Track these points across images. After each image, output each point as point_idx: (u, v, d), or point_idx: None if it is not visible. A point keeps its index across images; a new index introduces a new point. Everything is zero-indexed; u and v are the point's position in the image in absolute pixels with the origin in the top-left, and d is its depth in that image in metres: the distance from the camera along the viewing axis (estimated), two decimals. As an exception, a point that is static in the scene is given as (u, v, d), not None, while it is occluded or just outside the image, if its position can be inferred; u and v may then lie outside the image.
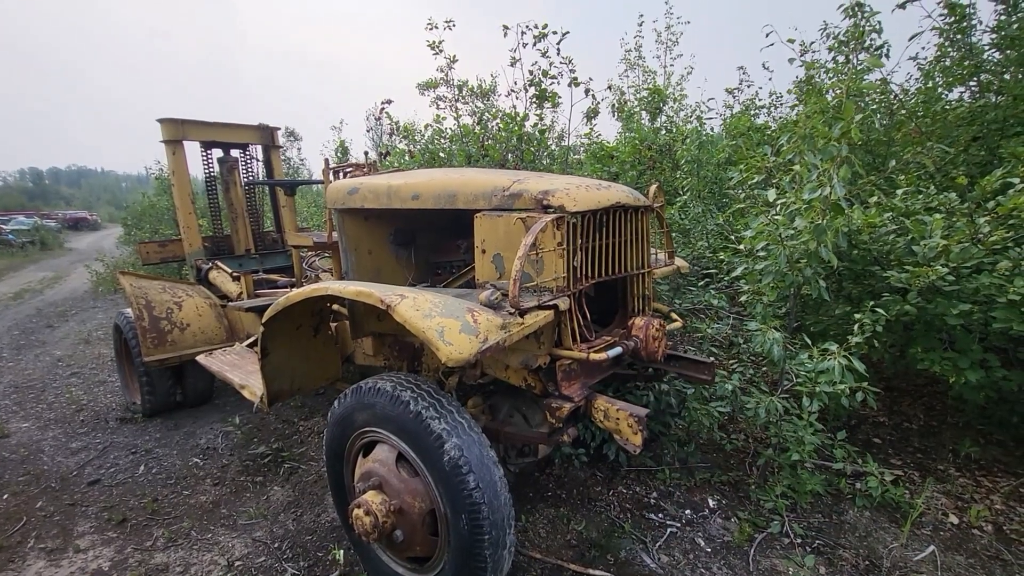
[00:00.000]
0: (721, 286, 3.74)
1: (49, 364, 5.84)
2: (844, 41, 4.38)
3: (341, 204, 2.66)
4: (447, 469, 1.74)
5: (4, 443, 3.88)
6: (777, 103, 5.77)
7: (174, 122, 4.32)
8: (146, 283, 3.88)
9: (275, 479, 3.18)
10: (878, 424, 3.45)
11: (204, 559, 2.50)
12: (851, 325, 2.47)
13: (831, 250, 2.39)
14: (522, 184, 2.10)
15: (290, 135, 14.95)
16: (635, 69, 8.25)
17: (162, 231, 10.58)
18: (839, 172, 2.34)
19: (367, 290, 1.83)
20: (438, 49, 5.17)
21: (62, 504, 3.04)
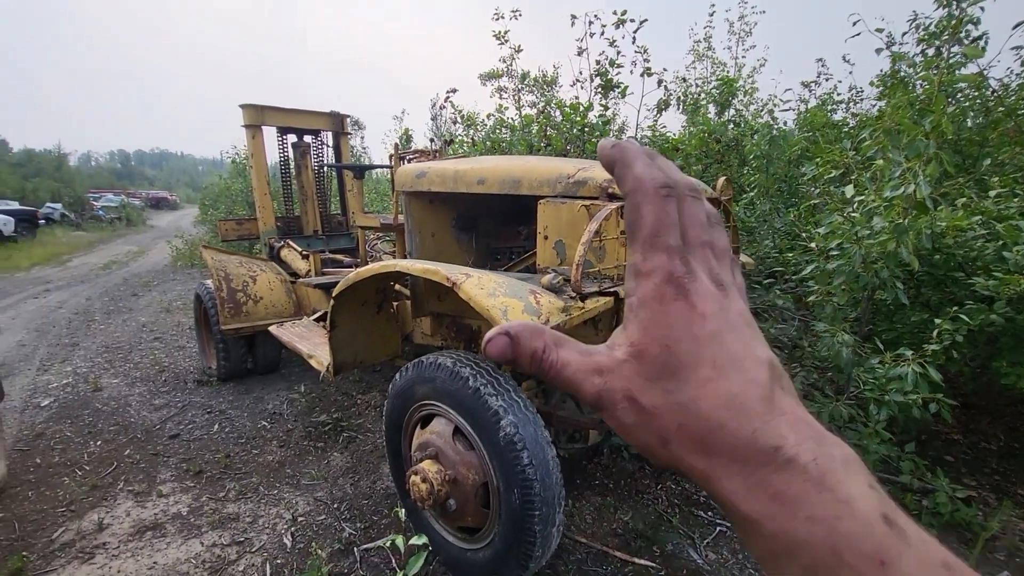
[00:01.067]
0: (787, 287, 3.61)
1: (135, 329, 6.39)
2: (936, 32, 4.08)
3: (409, 187, 2.76)
4: (502, 444, 1.80)
5: (98, 395, 4.30)
6: (857, 97, 5.45)
7: (254, 108, 4.60)
8: (225, 257, 4.17)
9: (335, 446, 3.36)
10: (952, 441, 3.23)
11: (271, 512, 2.70)
12: (928, 333, 2.34)
13: (912, 252, 2.26)
14: (587, 172, 2.11)
15: (354, 124, 15.50)
16: (704, 60, 7.99)
17: (235, 211, 11.27)
18: (926, 169, 2.21)
19: (433, 268, 1.91)
20: (503, 39, 5.21)
21: (147, 453, 3.35)
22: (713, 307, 0.31)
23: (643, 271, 0.31)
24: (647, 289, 0.31)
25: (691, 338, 0.30)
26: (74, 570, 2.33)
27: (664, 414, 0.30)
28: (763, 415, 0.28)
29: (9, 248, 13.64)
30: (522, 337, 0.32)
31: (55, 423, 3.79)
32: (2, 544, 2.50)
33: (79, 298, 8.23)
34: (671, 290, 0.30)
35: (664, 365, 0.30)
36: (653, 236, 0.31)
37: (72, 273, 10.82)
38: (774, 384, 0.30)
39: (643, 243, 0.31)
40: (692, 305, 0.30)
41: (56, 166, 34.61)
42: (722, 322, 0.30)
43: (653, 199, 0.31)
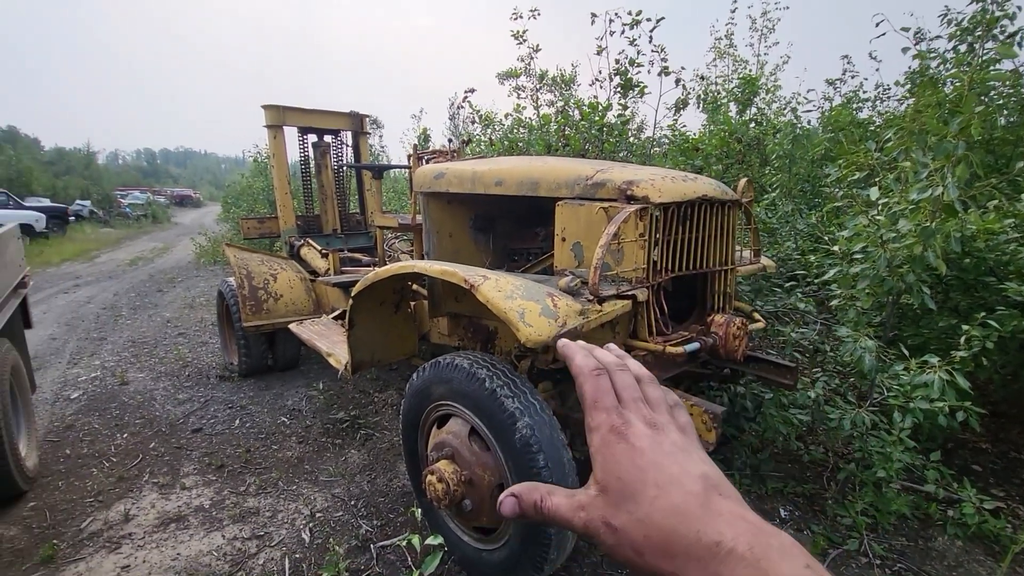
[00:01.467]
0: (809, 290, 3.54)
1: (160, 324, 6.55)
2: (968, 28, 3.96)
3: (427, 188, 2.78)
4: (518, 446, 1.80)
5: (124, 389, 4.42)
6: (884, 96, 5.32)
7: (276, 108, 4.67)
8: (247, 255, 4.25)
9: (352, 443, 3.41)
10: (979, 450, 3.15)
11: (290, 507, 2.75)
12: (956, 339, 2.28)
13: (939, 256, 2.20)
14: (606, 174, 2.10)
15: (373, 123, 15.64)
16: (725, 58, 7.87)
17: (257, 209, 11.46)
18: (955, 171, 2.15)
19: (451, 269, 1.92)
20: (522, 38, 5.20)
21: (171, 446, 3.43)
22: (647, 443, 0.41)
23: (591, 427, 0.43)
24: (597, 440, 0.42)
25: (635, 468, 0.39)
26: (102, 559, 2.40)
27: (632, 531, 0.38)
28: (702, 518, 0.36)
29: (41, 244, 14.07)
30: (523, 494, 0.44)
31: (84, 415, 3.90)
32: (34, 532, 2.59)
33: (107, 293, 8.46)
34: (613, 438, 0.41)
35: (621, 492, 0.39)
36: (593, 402, 0.43)
37: (100, 269, 11.13)
38: (709, 492, 0.38)
39: (588, 408, 0.44)
40: (631, 445, 0.40)
41: (85, 164, 35.61)
42: (657, 452, 0.40)
43: (588, 377, 0.45)
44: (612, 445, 0.41)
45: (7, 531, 2.58)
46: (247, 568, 2.33)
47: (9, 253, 3.18)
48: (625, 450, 0.40)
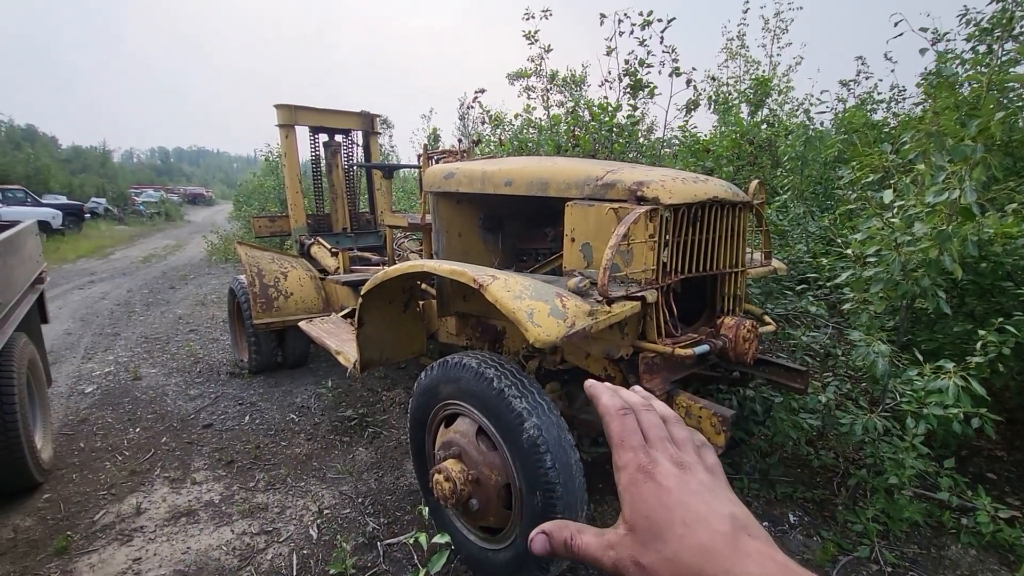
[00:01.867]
0: (820, 293, 3.50)
1: (172, 320, 6.63)
2: (988, 28, 3.90)
3: (437, 187, 2.79)
4: (525, 447, 1.80)
5: (137, 384, 4.48)
6: (899, 97, 5.25)
7: (288, 108, 4.71)
8: (258, 253, 4.29)
9: (360, 441, 3.43)
10: (994, 458, 3.09)
11: (298, 504, 2.77)
12: (971, 345, 2.24)
13: (956, 260, 2.17)
14: (616, 174, 2.09)
15: (383, 123, 15.71)
16: (737, 59, 7.81)
17: (268, 208, 11.56)
18: (972, 174, 2.11)
19: (460, 269, 1.92)
20: (533, 39, 5.20)
21: (182, 442, 3.47)
22: (675, 482, 0.41)
23: (619, 466, 0.43)
24: (624, 479, 0.42)
25: (662, 507, 0.40)
26: (114, 551, 2.43)
27: (660, 569, 0.38)
28: (730, 557, 0.36)
29: (57, 241, 14.30)
30: (554, 532, 0.45)
31: (98, 409, 3.96)
32: (49, 523, 2.63)
33: (121, 290, 8.58)
34: (641, 476, 0.41)
35: (648, 531, 0.39)
36: (620, 441, 0.44)
37: (114, 266, 11.29)
38: (738, 532, 0.38)
39: (615, 447, 0.44)
40: (659, 484, 0.41)
41: (101, 162, 36.15)
42: (684, 491, 0.40)
43: (615, 417, 0.46)
44: (640, 484, 0.41)
45: (23, 522, 2.63)
46: (255, 563, 2.35)
47: (27, 249, 3.23)
48: (652, 489, 0.40)
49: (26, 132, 37.30)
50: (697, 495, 0.40)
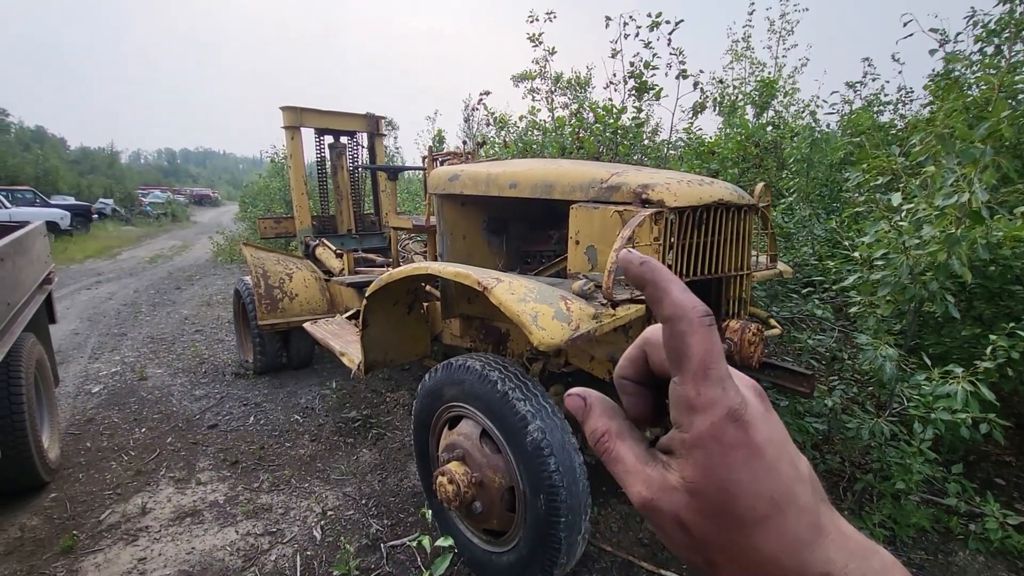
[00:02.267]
0: (826, 296, 3.48)
1: (178, 321, 6.66)
2: (996, 30, 3.87)
3: (441, 189, 2.79)
4: (529, 450, 1.80)
5: (143, 384, 4.50)
6: (906, 99, 5.22)
7: (294, 110, 4.73)
8: (264, 254, 4.31)
9: (364, 442, 3.43)
10: (1003, 463, 3.06)
11: (302, 505, 2.77)
12: (980, 349, 2.22)
13: (965, 263, 2.15)
14: (621, 177, 2.09)
15: (388, 125, 15.75)
16: (742, 61, 7.79)
17: (274, 209, 11.62)
18: (982, 176, 2.10)
19: (465, 271, 1.92)
20: (537, 41, 5.20)
21: (187, 442, 3.49)
22: (766, 432, 0.31)
23: (698, 405, 0.31)
24: (704, 426, 0.31)
25: (752, 477, 0.30)
26: (119, 551, 2.44)
27: (716, 547, 0.31)
28: (812, 543, 0.30)
29: (65, 241, 14.41)
30: (594, 410, 0.36)
31: (104, 409, 3.98)
32: (55, 522, 2.64)
33: (127, 290, 8.63)
34: (731, 428, 0.30)
35: (722, 506, 0.30)
36: (705, 368, 0.31)
37: (121, 266, 11.36)
38: (818, 502, 0.31)
39: (695, 375, 0.31)
40: (751, 440, 0.30)
41: (109, 163, 36.46)
42: (775, 448, 0.31)
43: (699, 328, 0.31)
44: (727, 440, 0.30)
45: (29, 521, 2.64)
46: (259, 564, 2.36)
47: (36, 250, 3.26)
48: (744, 451, 0.30)
49: (35, 134, 37.69)
50: (784, 452, 0.31)
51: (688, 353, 0.31)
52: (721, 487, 0.30)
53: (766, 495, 0.30)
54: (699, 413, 0.31)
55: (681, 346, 0.31)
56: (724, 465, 0.30)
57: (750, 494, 0.30)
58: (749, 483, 0.30)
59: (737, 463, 0.30)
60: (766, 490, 0.30)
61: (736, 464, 0.30)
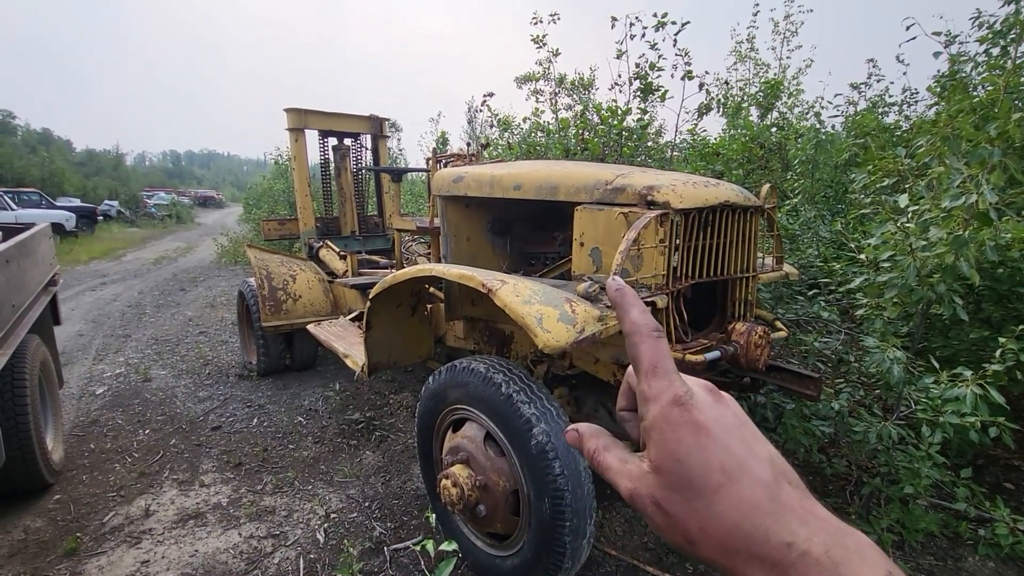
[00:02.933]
0: (832, 298, 3.46)
1: (182, 322, 6.68)
2: (1001, 31, 3.85)
3: (445, 191, 2.79)
4: (534, 453, 1.79)
5: (147, 386, 4.51)
6: (911, 100, 5.19)
7: (298, 112, 4.74)
8: (267, 256, 4.31)
9: (367, 444, 3.42)
10: (1012, 467, 3.03)
11: (305, 507, 2.77)
12: (988, 352, 2.19)
13: (973, 265, 2.13)
14: (626, 178, 2.08)
15: (392, 126, 15.78)
16: (746, 62, 7.77)
17: (277, 211, 11.64)
18: (990, 178, 2.08)
19: (469, 273, 1.91)
20: (542, 43, 5.20)
21: (191, 444, 3.49)
22: (712, 414, 0.36)
23: (648, 396, 0.37)
24: (655, 412, 0.37)
25: (699, 448, 0.35)
26: (122, 553, 2.44)
27: (686, 519, 0.35)
28: (773, 513, 0.33)
29: (70, 243, 14.48)
30: (585, 436, 0.42)
31: (108, 411, 3.99)
32: (59, 524, 2.64)
33: (132, 291, 8.66)
34: (675, 410, 0.36)
35: (679, 477, 0.35)
36: (653, 366, 0.38)
37: (126, 267, 11.41)
38: (779, 481, 0.34)
39: (645, 372, 0.38)
40: (694, 420, 0.36)
41: (114, 165, 36.66)
42: (722, 428, 0.36)
43: (646, 338, 0.39)
44: (674, 420, 0.36)
45: (33, 523, 2.65)
46: (263, 567, 2.35)
47: (40, 252, 3.27)
48: (688, 426, 0.35)
49: (42, 136, 37.92)
50: (734, 433, 0.36)
51: (640, 358, 0.38)
52: (675, 459, 0.35)
53: (717, 465, 0.34)
54: (651, 402, 0.37)
55: (636, 353, 0.39)
56: (674, 439, 0.35)
57: (700, 463, 0.34)
58: (698, 454, 0.34)
59: (685, 438, 0.35)
60: (716, 461, 0.34)
61: (684, 439, 0.35)
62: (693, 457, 0.35)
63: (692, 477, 0.34)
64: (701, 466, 0.34)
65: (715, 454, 0.34)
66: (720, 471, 0.34)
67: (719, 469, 0.34)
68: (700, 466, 0.34)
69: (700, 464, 0.34)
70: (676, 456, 0.35)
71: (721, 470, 0.34)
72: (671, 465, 0.35)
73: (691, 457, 0.35)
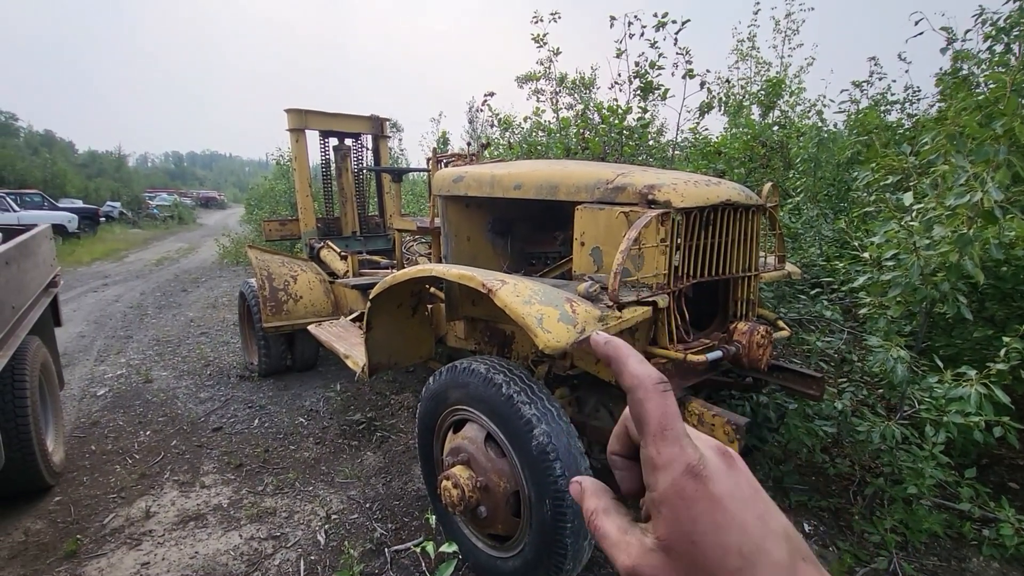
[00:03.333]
0: (835, 297, 3.44)
1: (183, 323, 6.68)
2: (1005, 28, 3.82)
3: (446, 191, 2.78)
4: (535, 454, 1.77)
5: (148, 387, 4.51)
6: (913, 98, 5.16)
7: (298, 112, 4.73)
8: (268, 257, 4.31)
9: (368, 445, 3.42)
10: (1016, 467, 3.01)
11: (306, 509, 2.76)
12: (992, 351, 2.18)
13: (978, 264, 2.11)
14: (627, 177, 2.07)
15: (392, 127, 15.76)
16: (747, 60, 7.74)
17: (279, 211, 11.64)
18: (995, 175, 2.06)
19: (469, 273, 1.90)
20: (542, 42, 5.18)
21: (192, 445, 3.48)
22: (727, 486, 0.33)
23: (658, 464, 0.34)
24: (666, 484, 0.33)
25: (715, 529, 0.32)
26: (123, 555, 2.44)
27: None
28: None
29: (73, 244, 14.51)
30: (587, 491, 0.40)
31: (109, 412, 3.99)
32: (59, 526, 2.64)
33: (134, 292, 8.67)
34: (690, 482, 0.33)
35: (692, 560, 0.32)
36: (662, 429, 0.34)
37: (128, 268, 11.42)
38: (794, 558, 0.33)
39: (654, 436, 0.34)
40: (710, 494, 0.32)
41: (116, 167, 36.73)
42: (738, 503, 0.33)
43: (652, 394, 0.35)
44: (688, 495, 0.32)
45: (33, 524, 2.64)
46: (263, 568, 2.34)
47: (41, 253, 3.27)
48: (705, 503, 0.32)
49: (44, 137, 38.01)
50: (750, 507, 0.33)
51: (646, 418, 0.34)
52: (689, 540, 0.32)
53: (734, 548, 0.31)
54: (661, 471, 0.33)
55: (640, 412, 0.35)
56: (688, 518, 0.32)
57: (717, 545, 0.31)
58: (714, 535, 0.32)
59: (700, 515, 0.32)
60: (734, 543, 0.31)
61: (699, 516, 0.32)
62: (709, 539, 0.32)
63: (707, 561, 0.31)
64: (718, 548, 0.31)
65: (732, 535, 0.32)
66: (738, 554, 0.31)
67: (736, 552, 0.31)
68: (716, 548, 0.31)
69: (716, 546, 0.32)
70: (691, 538, 0.32)
71: (739, 553, 0.31)
72: (684, 547, 0.32)
73: (707, 539, 0.32)
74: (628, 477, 0.40)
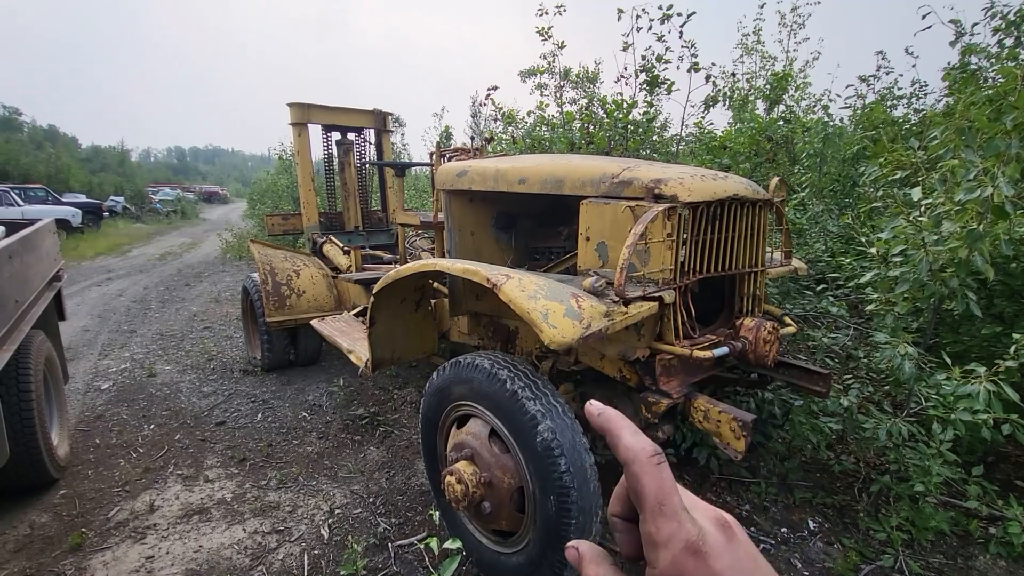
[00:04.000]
0: (840, 293, 3.42)
1: (187, 318, 6.69)
2: (1015, 21, 3.77)
3: (449, 185, 2.76)
4: (539, 450, 1.76)
5: (151, 381, 4.52)
6: (920, 92, 5.11)
7: (301, 106, 4.71)
8: (271, 252, 4.30)
9: (371, 440, 3.42)
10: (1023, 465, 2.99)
11: (309, 503, 2.76)
12: (999, 348, 2.16)
13: (987, 260, 2.09)
14: (632, 172, 2.05)
15: (395, 121, 15.71)
16: (752, 55, 7.68)
17: (281, 206, 11.63)
18: (1006, 170, 2.03)
19: (473, 268, 1.89)
20: (547, 35, 5.14)
21: (195, 439, 3.49)
22: (728, 560, 0.33)
23: (659, 541, 0.33)
24: (667, 562, 0.33)
25: None
26: (127, 548, 2.44)
27: None
28: None
29: (77, 239, 14.54)
30: (586, 558, 0.40)
31: (113, 406, 4.00)
32: (64, 520, 2.65)
33: (137, 287, 8.69)
34: (690, 560, 0.32)
35: None
36: (659, 504, 0.34)
37: (132, 263, 11.45)
38: None
39: (652, 512, 0.34)
40: (711, 570, 0.32)
41: (119, 161, 36.75)
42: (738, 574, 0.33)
43: (647, 467, 0.35)
44: (688, 572, 0.33)
45: (39, 518, 2.65)
46: (267, 562, 2.35)
47: (45, 247, 3.26)
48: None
49: (48, 132, 38.09)
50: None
51: (643, 493, 0.34)
52: None
53: None
54: (661, 548, 0.33)
55: (637, 486, 0.35)
56: None
57: None
58: None
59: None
60: None
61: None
62: None
63: None
64: None
65: None
66: None
67: None
68: None
69: None
70: None
71: None
72: None
73: None
74: (628, 541, 0.40)
